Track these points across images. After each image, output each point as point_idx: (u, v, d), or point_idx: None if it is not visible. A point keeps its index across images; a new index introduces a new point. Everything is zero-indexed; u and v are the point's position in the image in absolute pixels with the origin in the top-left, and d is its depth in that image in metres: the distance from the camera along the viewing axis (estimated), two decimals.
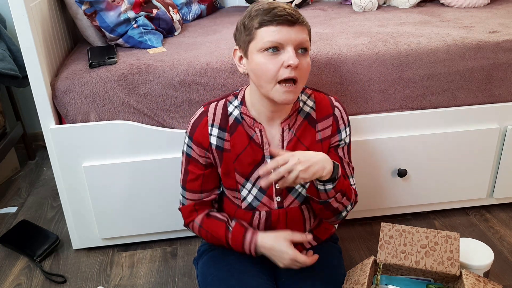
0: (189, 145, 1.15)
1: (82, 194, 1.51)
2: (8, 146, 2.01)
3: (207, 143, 1.13)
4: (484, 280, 1.05)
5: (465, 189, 1.67)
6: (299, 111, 1.14)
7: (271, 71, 1.00)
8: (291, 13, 0.98)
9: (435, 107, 1.56)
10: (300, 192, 1.16)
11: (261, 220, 1.16)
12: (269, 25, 0.98)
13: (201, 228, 1.18)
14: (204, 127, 1.13)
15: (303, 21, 1.01)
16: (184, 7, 1.96)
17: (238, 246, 1.14)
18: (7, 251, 1.65)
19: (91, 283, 1.49)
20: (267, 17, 0.98)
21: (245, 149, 1.12)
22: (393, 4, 2.06)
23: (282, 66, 0.99)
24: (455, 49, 1.50)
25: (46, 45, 1.46)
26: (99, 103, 1.42)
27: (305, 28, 1.01)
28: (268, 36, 0.98)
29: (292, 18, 0.98)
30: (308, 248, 1.24)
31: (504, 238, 1.61)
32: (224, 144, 1.13)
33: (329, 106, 1.16)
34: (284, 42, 0.99)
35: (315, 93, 1.17)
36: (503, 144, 1.61)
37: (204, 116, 1.13)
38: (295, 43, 0.99)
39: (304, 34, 1.01)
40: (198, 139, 1.13)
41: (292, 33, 0.98)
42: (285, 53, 0.99)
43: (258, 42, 1.00)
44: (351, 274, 1.11)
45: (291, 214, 1.17)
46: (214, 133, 1.13)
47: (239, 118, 1.12)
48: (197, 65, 1.44)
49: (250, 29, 1.01)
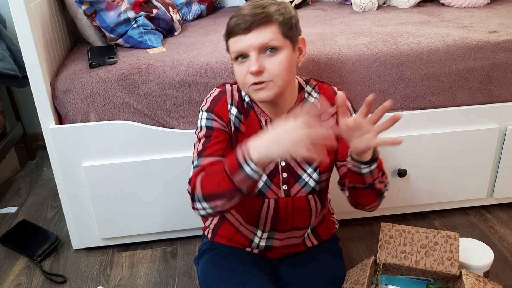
0: (209, 117, 1.10)
1: (82, 194, 1.51)
2: (8, 146, 2.01)
3: (227, 118, 1.11)
4: (484, 280, 1.05)
5: (465, 189, 1.67)
6: (304, 102, 1.15)
7: (241, 77, 1.05)
8: (246, 19, 0.99)
9: (435, 107, 1.56)
10: (307, 182, 1.16)
11: (270, 207, 1.16)
12: (231, 37, 1.03)
13: (202, 175, 1.00)
14: (224, 103, 1.12)
15: (262, 21, 0.99)
16: (184, 7, 1.96)
17: (233, 164, 0.92)
18: (7, 251, 1.65)
19: (91, 283, 1.49)
20: (228, 29, 1.03)
21: (257, 134, 1.12)
22: (393, 4, 2.06)
23: (248, 72, 1.02)
24: (455, 49, 1.50)
25: (46, 45, 1.46)
26: (99, 103, 1.42)
27: (268, 26, 1.00)
28: (232, 46, 1.04)
29: (245, 25, 0.99)
30: (310, 247, 1.24)
31: (504, 238, 1.61)
32: (240, 126, 1.13)
33: (333, 96, 1.17)
34: (245, 50, 1.01)
35: (319, 84, 1.18)
36: (503, 144, 1.61)
37: (223, 94, 1.13)
38: (256, 48, 1.00)
39: (265, 34, 1.00)
40: (219, 112, 1.11)
41: (250, 39, 1.00)
42: (249, 60, 1.02)
43: (231, 54, 1.06)
44: (351, 274, 1.12)
45: (297, 204, 1.17)
46: (233, 112, 1.12)
47: (251, 105, 1.13)
48: (197, 65, 1.44)
49: (225, 40, 1.07)
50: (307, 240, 1.23)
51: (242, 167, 0.90)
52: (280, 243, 1.21)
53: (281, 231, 1.19)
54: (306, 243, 1.23)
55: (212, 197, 0.97)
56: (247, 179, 0.91)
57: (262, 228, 1.19)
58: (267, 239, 1.20)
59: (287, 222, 1.18)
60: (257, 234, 1.21)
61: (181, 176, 1.50)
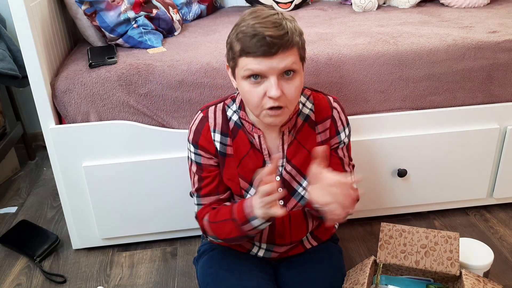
0: (196, 153, 1.12)
1: (82, 194, 1.51)
2: (8, 146, 2.01)
3: (213, 149, 1.11)
4: (484, 280, 1.05)
5: (465, 189, 1.67)
6: (298, 114, 1.12)
7: (255, 99, 0.98)
8: (272, 41, 0.92)
9: (435, 107, 1.56)
10: (303, 195, 1.15)
11: None
12: (249, 56, 0.95)
13: (209, 221, 1.11)
14: (207, 133, 1.11)
15: (287, 45, 0.94)
16: (184, 7, 1.96)
17: (242, 217, 1.03)
18: (7, 251, 1.65)
19: (91, 283, 1.49)
20: (247, 47, 0.94)
21: (248, 154, 1.11)
22: (393, 4, 2.06)
23: (265, 95, 0.97)
24: (455, 49, 1.50)
25: (46, 45, 1.46)
26: (99, 103, 1.42)
27: (291, 50, 0.96)
28: (247, 65, 0.95)
29: (272, 49, 0.92)
30: (309, 248, 1.24)
31: (504, 238, 1.61)
32: (226, 150, 1.11)
33: (328, 108, 1.14)
34: (266, 73, 0.95)
35: (314, 94, 1.15)
36: (503, 144, 1.61)
37: (205, 121, 1.11)
38: (278, 72, 0.95)
39: (289, 58, 0.95)
40: (204, 144, 1.11)
41: (273, 63, 0.94)
42: (268, 82, 0.96)
43: (240, 70, 0.98)
44: (351, 274, 1.11)
45: (294, 218, 1.16)
46: (217, 139, 1.11)
47: (239, 123, 1.11)
48: (197, 65, 1.44)
49: (234, 54, 0.98)
50: (305, 242, 1.23)
51: (249, 221, 1.01)
52: (278, 255, 1.21)
53: (279, 245, 1.19)
54: (305, 245, 1.23)
55: (227, 241, 1.10)
56: (255, 228, 1.02)
57: (259, 244, 1.20)
58: (265, 250, 1.21)
59: (285, 236, 1.17)
60: (254, 247, 1.21)
61: (181, 176, 1.50)
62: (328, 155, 1.15)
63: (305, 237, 1.22)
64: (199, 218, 1.14)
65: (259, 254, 1.21)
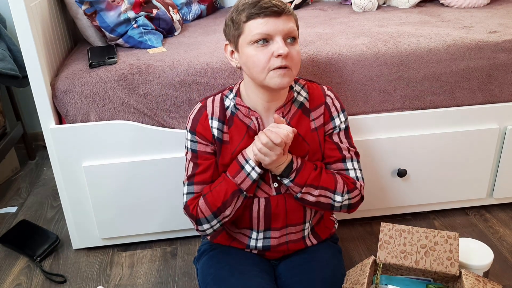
0: (192, 140, 1.15)
1: (82, 194, 1.51)
2: (8, 146, 2.01)
3: (210, 136, 1.14)
4: (484, 280, 1.05)
5: (465, 189, 1.67)
6: (293, 101, 1.16)
7: (262, 61, 1.03)
8: (276, 4, 1.01)
9: (435, 107, 1.56)
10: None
11: (261, 206, 1.16)
12: (256, 18, 1.01)
13: (205, 194, 1.12)
14: (205, 121, 1.14)
15: (289, 10, 1.04)
16: (184, 7, 1.96)
17: (235, 167, 1.11)
18: (7, 251, 1.65)
19: (91, 283, 1.49)
20: (253, 10, 1.01)
21: (243, 140, 1.14)
22: (393, 4, 2.06)
23: (273, 56, 1.02)
24: (455, 49, 1.50)
25: (46, 45, 1.46)
26: (99, 103, 1.43)
27: (291, 17, 1.05)
28: (256, 28, 1.01)
29: (278, 9, 1.01)
30: (309, 246, 1.24)
31: (503, 238, 1.61)
32: (223, 136, 1.14)
33: (322, 95, 1.18)
34: (273, 33, 1.01)
35: (309, 83, 1.20)
36: (503, 144, 1.61)
37: (203, 110, 1.15)
38: (283, 33, 1.02)
39: (291, 23, 1.04)
40: (201, 132, 1.14)
41: (279, 24, 1.01)
42: (274, 44, 1.02)
43: (247, 36, 1.03)
44: (351, 274, 1.12)
45: (290, 201, 1.17)
46: (214, 126, 1.14)
47: (234, 110, 1.14)
48: (197, 65, 1.44)
49: (238, 23, 1.04)
50: (306, 239, 1.23)
51: (243, 167, 1.07)
52: (277, 241, 1.20)
53: (275, 229, 1.19)
54: (306, 242, 1.23)
55: (221, 209, 1.09)
56: (248, 177, 1.07)
57: (256, 229, 1.19)
58: (263, 239, 1.20)
59: (280, 219, 1.18)
60: (252, 236, 1.20)
61: (181, 176, 1.50)
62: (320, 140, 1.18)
63: (306, 232, 1.22)
64: (190, 208, 1.14)
65: (258, 246, 1.21)
